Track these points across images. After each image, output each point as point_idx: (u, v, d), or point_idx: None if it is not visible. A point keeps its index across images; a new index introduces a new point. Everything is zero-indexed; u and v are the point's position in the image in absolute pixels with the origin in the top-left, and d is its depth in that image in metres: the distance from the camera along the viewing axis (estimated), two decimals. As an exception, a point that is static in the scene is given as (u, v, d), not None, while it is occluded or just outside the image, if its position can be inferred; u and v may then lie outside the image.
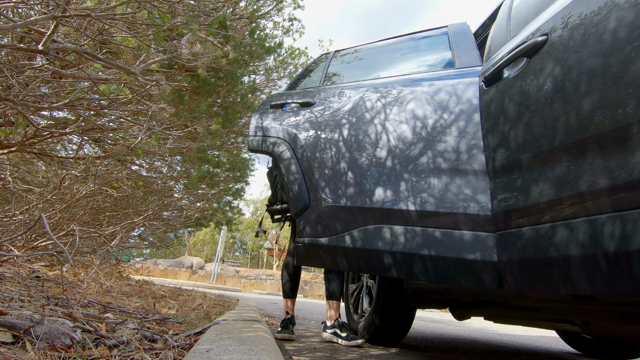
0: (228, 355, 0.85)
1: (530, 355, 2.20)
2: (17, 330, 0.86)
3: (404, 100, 1.58)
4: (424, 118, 1.48)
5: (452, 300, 1.85)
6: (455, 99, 1.44)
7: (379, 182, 1.50)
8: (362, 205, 1.51)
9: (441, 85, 1.51)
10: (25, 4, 1.81)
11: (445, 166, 1.36)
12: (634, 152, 0.78)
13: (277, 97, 2.07)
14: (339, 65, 2.19)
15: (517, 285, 1.06)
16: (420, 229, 1.36)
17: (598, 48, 0.89)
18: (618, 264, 0.80)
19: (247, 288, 14.80)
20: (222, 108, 4.31)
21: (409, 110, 1.53)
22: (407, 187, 1.43)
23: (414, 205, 1.37)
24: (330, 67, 2.15)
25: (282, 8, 4.62)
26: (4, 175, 2.50)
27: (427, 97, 1.52)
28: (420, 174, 1.42)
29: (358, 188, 1.54)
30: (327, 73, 2.10)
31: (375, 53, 2.16)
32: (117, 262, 4.06)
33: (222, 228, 7.69)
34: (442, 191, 1.34)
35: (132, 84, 2.19)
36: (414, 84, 1.60)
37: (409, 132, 1.49)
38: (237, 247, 36.79)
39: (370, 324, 2.03)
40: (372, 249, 1.45)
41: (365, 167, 1.56)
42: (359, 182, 1.55)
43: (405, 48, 2.03)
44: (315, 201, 1.65)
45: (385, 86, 1.70)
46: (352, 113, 1.69)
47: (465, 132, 1.36)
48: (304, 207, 1.69)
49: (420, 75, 1.65)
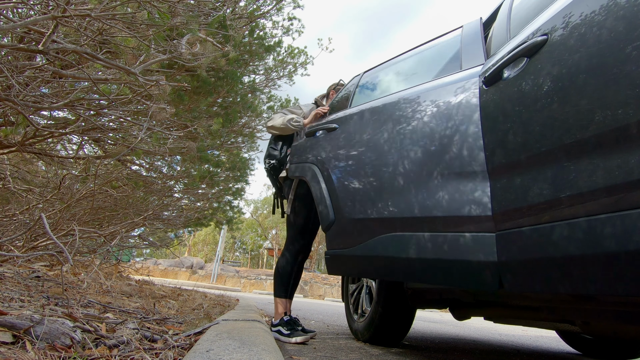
0: (228, 355, 0.85)
1: (530, 355, 2.20)
2: (17, 330, 0.86)
3: (406, 113, 1.66)
4: (426, 128, 1.52)
5: (452, 300, 1.85)
6: (457, 103, 1.44)
7: (388, 194, 1.58)
8: (374, 216, 1.61)
9: (445, 91, 1.52)
10: (25, 4, 1.81)
11: (449, 171, 1.38)
12: (634, 152, 0.78)
13: (313, 125, 2.27)
14: (364, 85, 2.33)
15: (517, 285, 1.06)
16: (425, 234, 1.40)
17: (598, 48, 0.89)
18: (618, 263, 0.80)
19: (247, 288, 14.80)
20: (222, 108, 4.31)
21: (412, 122, 1.60)
22: (412, 196, 1.48)
23: (419, 211, 1.42)
24: (357, 88, 2.31)
25: (281, 8, 4.62)
26: (4, 175, 2.50)
27: (430, 107, 1.55)
28: (424, 180, 1.45)
29: (370, 201, 1.64)
30: (353, 95, 2.27)
31: (395, 68, 2.21)
32: (117, 262, 4.06)
33: (222, 228, 7.69)
34: (446, 196, 1.35)
35: (132, 84, 2.19)
36: (420, 95, 1.64)
37: (411, 143, 1.56)
38: (237, 247, 36.79)
39: (370, 324, 2.03)
40: (384, 256, 1.53)
41: (375, 181, 1.67)
42: (371, 195, 1.66)
43: (423, 57, 2.03)
44: (338, 217, 1.81)
45: (391, 102, 1.79)
46: (362, 133, 1.84)
47: (466, 134, 1.36)
48: (330, 224, 1.86)
49: (425, 86, 1.67)
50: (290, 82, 5.50)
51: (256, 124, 5.42)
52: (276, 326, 2.02)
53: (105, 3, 1.70)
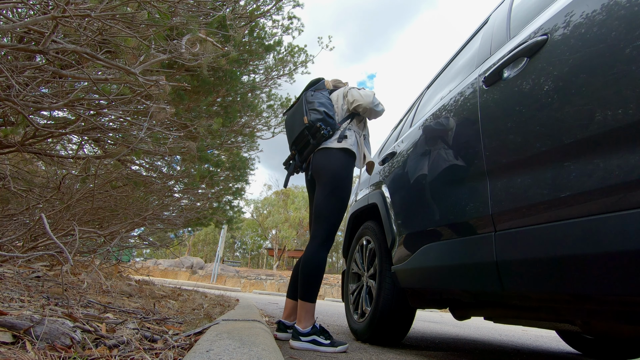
0: (228, 355, 0.85)
1: (530, 355, 2.20)
2: (17, 330, 0.86)
3: (431, 126, 1.83)
4: (442, 136, 1.65)
5: (452, 301, 1.85)
6: (462, 105, 1.46)
7: (419, 207, 1.72)
8: (414, 230, 1.74)
9: (458, 93, 1.57)
10: (25, 4, 1.81)
11: (458, 177, 1.44)
12: (634, 152, 0.78)
13: (388, 154, 2.36)
14: (421, 102, 2.41)
15: (516, 285, 1.06)
16: (444, 242, 1.48)
17: (599, 48, 0.89)
18: (617, 263, 0.80)
19: (247, 288, 14.81)
20: (222, 107, 4.31)
21: (435, 135, 1.75)
22: (435, 207, 1.59)
23: (443, 220, 1.51)
24: (417, 107, 2.42)
25: (281, 7, 4.61)
26: (4, 175, 2.50)
27: (446, 113, 1.66)
28: (440, 190, 1.57)
29: (413, 216, 1.78)
30: (413, 115, 2.39)
31: (440, 77, 2.27)
32: (117, 262, 4.06)
33: (222, 227, 7.69)
34: (457, 200, 1.41)
35: (132, 84, 2.19)
36: (445, 103, 1.72)
37: (429, 160, 1.72)
38: (237, 247, 36.80)
39: (370, 324, 2.03)
40: (422, 267, 1.64)
41: (410, 198, 1.84)
42: (412, 211, 1.81)
43: (458, 59, 2.03)
44: (398, 234, 1.91)
45: (426, 116, 1.96)
46: (406, 153, 2.04)
47: (467, 136, 1.37)
48: (393, 241, 1.95)
49: (444, 92, 1.81)
50: (291, 80, 5.49)
51: (256, 123, 5.42)
52: (309, 335, 1.75)
53: (105, 3, 1.70)
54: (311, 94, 2.09)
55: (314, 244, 1.86)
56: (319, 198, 1.92)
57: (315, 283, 1.81)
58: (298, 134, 2.04)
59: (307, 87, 2.18)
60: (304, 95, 2.11)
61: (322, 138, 1.95)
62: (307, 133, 1.98)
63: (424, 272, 1.62)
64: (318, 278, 1.82)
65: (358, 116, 2.11)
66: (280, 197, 29.84)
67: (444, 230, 1.48)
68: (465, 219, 1.32)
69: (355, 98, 2.05)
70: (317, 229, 1.88)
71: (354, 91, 2.09)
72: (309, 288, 1.80)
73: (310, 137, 1.98)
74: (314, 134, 1.96)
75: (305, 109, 2.01)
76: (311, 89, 2.15)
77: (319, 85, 2.18)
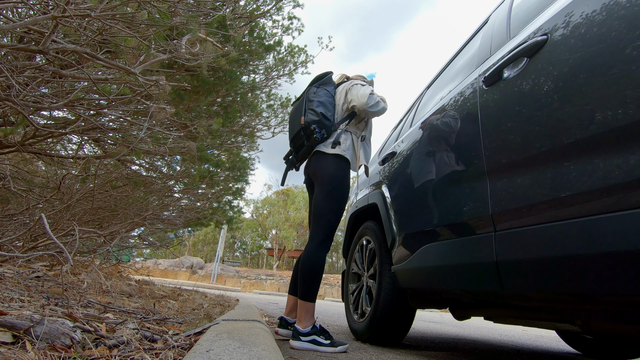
0: (228, 355, 0.85)
1: (530, 355, 2.20)
2: (17, 330, 0.86)
3: (428, 127, 1.85)
4: (442, 136, 1.66)
5: (452, 301, 1.85)
6: (462, 105, 1.46)
7: (419, 207, 1.73)
8: (414, 230, 1.75)
9: (458, 93, 1.57)
10: (25, 3, 1.81)
11: (457, 177, 1.44)
12: (634, 152, 0.78)
13: (388, 154, 2.35)
14: (421, 103, 2.42)
15: (516, 285, 1.06)
16: (444, 242, 1.49)
17: (599, 48, 0.89)
18: (617, 263, 0.80)
19: (247, 288, 14.81)
20: (222, 107, 4.30)
21: (435, 135, 1.76)
22: (435, 207, 1.59)
23: (443, 220, 1.51)
24: (417, 108, 2.43)
25: (281, 7, 4.61)
26: (4, 175, 2.49)
27: (446, 113, 1.66)
28: (440, 190, 1.57)
29: (413, 216, 1.78)
30: (413, 115, 2.41)
31: (440, 77, 2.28)
32: (117, 262, 4.06)
33: (222, 227, 7.69)
34: (457, 200, 1.41)
35: (132, 84, 2.19)
36: (445, 103, 1.73)
37: (429, 160, 1.73)
38: (237, 247, 36.79)
39: (370, 324, 2.03)
40: (422, 267, 1.65)
41: (410, 198, 1.85)
42: (411, 211, 1.82)
43: (458, 59, 2.03)
44: (398, 234, 1.92)
45: (426, 116, 1.96)
46: (406, 153, 2.04)
47: (467, 136, 1.37)
48: (393, 241, 1.96)
49: (444, 92, 1.81)
50: (291, 80, 5.49)
51: (256, 123, 5.42)
52: (309, 335, 1.75)
53: (105, 3, 1.70)
54: (314, 91, 2.06)
55: (313, 244, 1.87)
56: (318, 198, 1.92)
57: (315, 282, 1.82)
58: (295, 133, 2.04)
59: (313, 81, 2.12)
60: (307, 92, 2.08)
61: (315, 141, 1.94)
62: (302, 134, 1.98)
63: (424, 272, 1.62)
64: (317, 277, 1.83)
65: (358, 115, 2.07)
66: (281, 197, 29.83)
67: (444, 230, 1.48)
68: (465, 219, 1.32)
69: (352, 97, 2.02)
70: (316, 229, 1.89)
71: (353, 89, 2.04)
72: (309, 287, 1.81)
73: (304, 139, 1.98)
74: (308, 136, 1.96)
75: (304, 108, 2.00)
76: (315, 85, 2.10)
77: (324, 80, 2.12)
